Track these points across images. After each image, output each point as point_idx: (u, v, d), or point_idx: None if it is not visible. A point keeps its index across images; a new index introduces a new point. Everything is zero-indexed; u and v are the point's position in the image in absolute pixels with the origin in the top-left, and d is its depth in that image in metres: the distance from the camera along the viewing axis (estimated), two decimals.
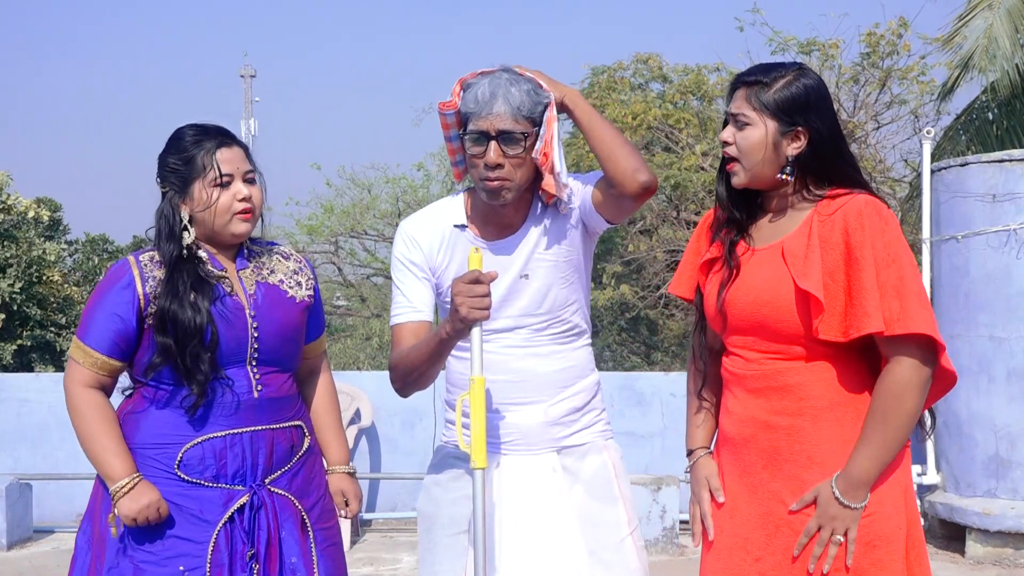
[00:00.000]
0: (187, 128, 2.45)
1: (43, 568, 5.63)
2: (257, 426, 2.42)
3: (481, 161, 2.27)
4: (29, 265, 14.61)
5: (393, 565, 5.73)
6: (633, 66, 13.69)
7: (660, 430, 6.44)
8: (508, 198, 2.30)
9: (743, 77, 2.19)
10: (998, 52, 9.06)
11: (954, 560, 5.61)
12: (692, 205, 12.45)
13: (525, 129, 2.26)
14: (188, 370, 2.33)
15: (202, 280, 2.37)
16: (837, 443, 2.09)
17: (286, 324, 2.48)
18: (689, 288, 2.33)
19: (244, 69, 25.11)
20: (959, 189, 5.74)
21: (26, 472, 6.65)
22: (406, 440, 6.85)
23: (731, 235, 2.23)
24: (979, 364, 5.66)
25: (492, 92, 2.25)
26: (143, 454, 2.37)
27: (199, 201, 2.38)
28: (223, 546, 2.35)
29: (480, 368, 2.15)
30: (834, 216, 2.09)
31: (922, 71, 11.85)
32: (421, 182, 17.23)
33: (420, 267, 2.40)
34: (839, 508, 2.04)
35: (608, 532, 2.37)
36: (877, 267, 2.03)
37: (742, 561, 2.16)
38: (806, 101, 2.12)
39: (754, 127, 2.14)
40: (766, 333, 2.13)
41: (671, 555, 5.66)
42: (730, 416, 2.23)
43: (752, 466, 2.17)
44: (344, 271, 18.21)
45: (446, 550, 2.38)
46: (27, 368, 15.10)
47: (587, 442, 2.43)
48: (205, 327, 2.34)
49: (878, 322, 2.01)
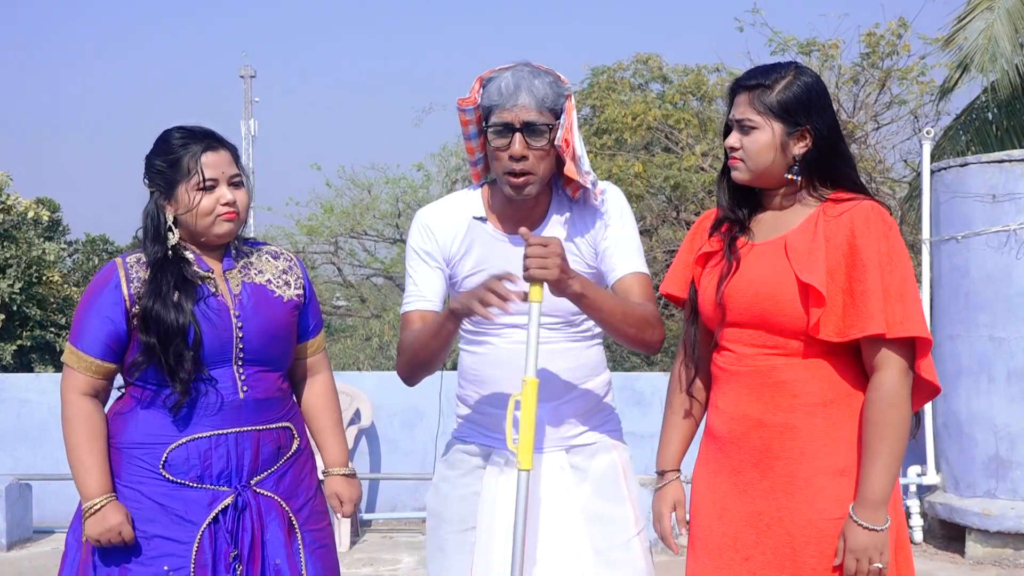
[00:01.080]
0: (174, 130, 2.45)
1: (43, 568, 5.62)
2: (242, 427, 2.42)
3: (505, 153, 2.25)
4: (29, 265, 14.61)
5: (393, 565, 5.73)
6: (633, 66, 13.69)
7: (660, 430, 6.42)
8: (532, 192, 2.29)
9: (743, 82, 2.19)
10: (998, 52, 9.07)
11: (954, 560, 5.61)
12: (692, 205, 12.44)
13: (549, 121, 2.25)
14: (171, 369, 2.34)
15: (186, 280, 2.39)
16: (830, 440, 2.09)
17: (273, 323, 2.48)
18: (682, 286, 2.33)
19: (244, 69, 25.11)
20: (959, 189, 5.74)
21: (26, 472, 6.66)
22: (406, 440, 6.85)
23: (732, 232, 2.23)
24: (979, 364, 5.66)
25: (516, 84, 2.24)
26: (129, 454, 2.39)
27: (183, 204, 2.40)
28: (207, 547, 2.36)
29: (534, 370, 2.13)
30: (841, 218, 2.10)
31: (922, 71, 11.84)
32: (421, 182, 17.23)
33: (433, 256, 2.40)
34: (868, 535, 2.03)
35: (615, 532, 2.36)
36: (882, 270, 2.05)
37: (731, 560, 2.16)
38: (808, 100, 2.14)
39: (760, 131, 2.14)
40: (765, 327, 2.14)
41: (671, 555, 5.66)
42: (720, 413, 2.23)
43: (742, 464, 2.17)
44: (344, 271, 18.20)
45: (453, 547, 2.38)
46: (27, 368, 15.10)
47: (596, 442, 2.42)
48: (188, 327, 2.35)
49: (881, 324, 2.02)
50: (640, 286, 2.35)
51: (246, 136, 30.37)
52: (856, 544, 2.03)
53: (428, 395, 6.68)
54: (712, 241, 2.26)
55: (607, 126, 12.55)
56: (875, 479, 2.03)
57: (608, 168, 11.90)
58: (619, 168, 11.87)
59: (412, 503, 6.80)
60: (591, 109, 13.59)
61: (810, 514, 2.09)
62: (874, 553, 2.03)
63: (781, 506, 2.12)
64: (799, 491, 2.10)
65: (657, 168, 12.14)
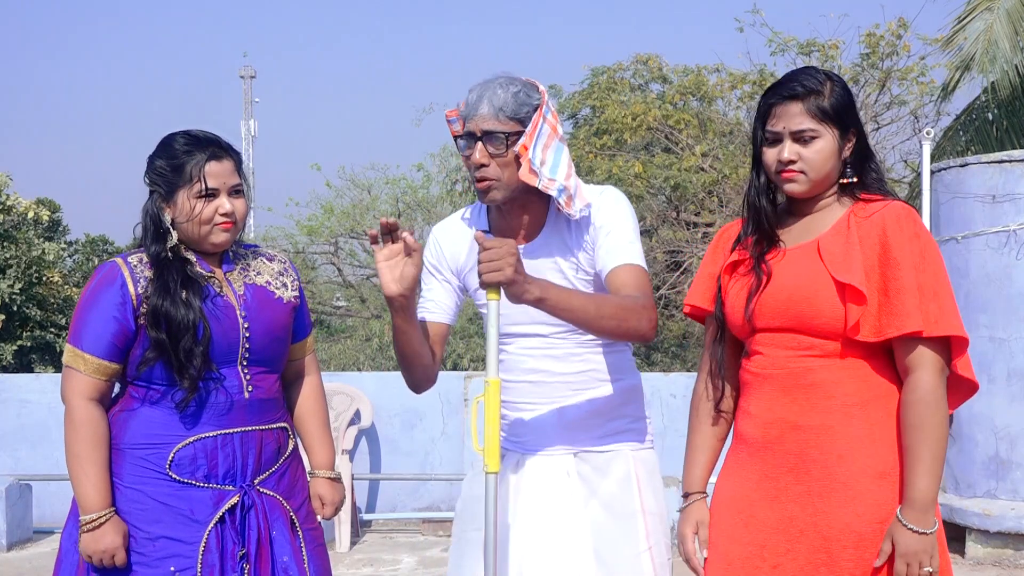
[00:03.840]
0: (179, 135, 2.44)
1: (43, 568, 5.62)
2: (247, 427, 2.43)
3: (469, 162, 2.31)
4: (29, 266, 14.62)
5: (393, 566, 5.73)
6: (633, 67, 13.71)
7: (660, 431, 6.42)
8: (497, 197, 2.31)
9: (789, 91, 2.12)
10: (998, 53, 9.07)
11: (954, 561, 5.62)
12: (692, 206, 12.45)
13: (509, 129, 2.27)
14: (181, 365, 2.33)
15: (191, 279, 2.38)
16: (867, 441, 2.06)
17: (275, 324, 2.49)
18: (707, 299, 2.28)
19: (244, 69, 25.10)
20: (959, 190, 5.74)
21: (26, 472, 6.65)
22: (406, 440, 6.84)
23: (761, 246, 2.19)
24: (979, 365, 5.65)
25: (479, 95, 2.29)
26: (133, 455, 2.37)
27: (182, 210, 2.39)
28: (214, 546, 2.35)
29: (495, 371, 2.12)
30: (872, 218, 2.09)
31: (922, 72, 11.86)
32: (421, 182, 17.22)
33: (440, 270, 2.46)
34: (917, 539, 2.00)
35: (623, 546, 2.34)
36: (916, 269, 2.03)
37: (758, 570, 2.12)
38: (851, 102, 2.15)
39: (822, 139, 2.11)
40: (800, 330, 2.10)
41: (673, 556, 5.66)
42: (752, 419, 2.18)
43: (775, 470, 2.12)
44: (344, 272, 18.20)
45: (469, 544, 2.40)
46: (27, 368, 15.11)
47: (611, 450, 2.39)
48: (198, 323, 2.34)
49: (918, 322, 2.00)
50: (630, 276, 2.29)
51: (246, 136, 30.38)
52: (907, 548, 2.00)
53: (428, 396, 6.66)
54: (737, 252, 2.23)
55: (607, 126, 12.56)
56: (920, 481, 2.00)
57: (608, 168, 11.91)
58: (619, 168, 11.87)
59: (412, 503, 6.80)
60: (591, 109, 13.60)
61: (848, 518, 2.05)
62: (924, 557, 2.00)
63: (817, 511, 2.07)
64: (836, 494, 2.06)
65: (657, 168, 12.14)
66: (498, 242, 2.06)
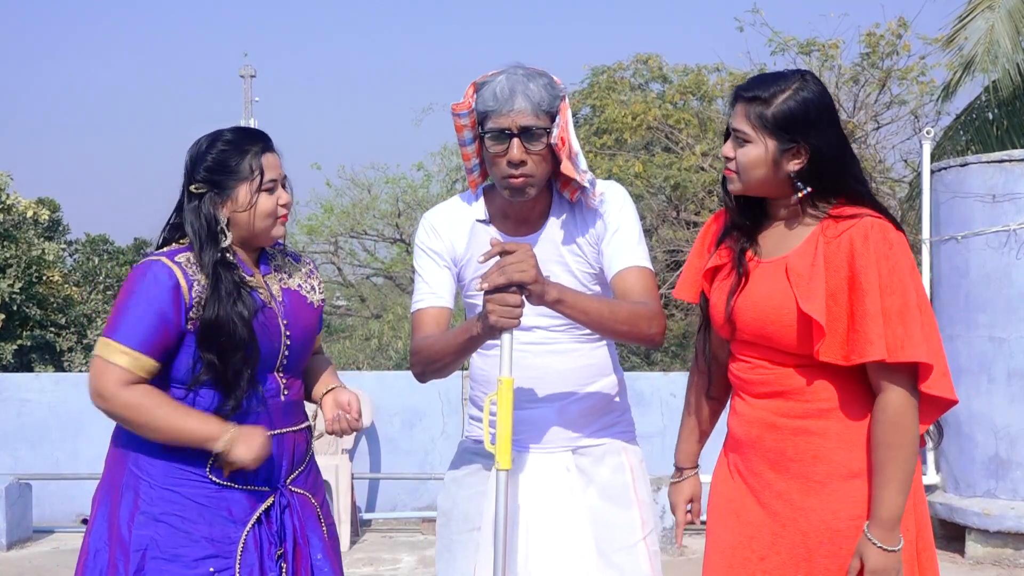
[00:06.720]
0: (228, 131, 2.41)
1: (43, 568, 5.63)
2: (283, 428, 2.43)
3: (503, 159, 2.24)
4: (29, 265, 14.62)
5: (393, 565, 5.73)
6: (633, 66, 13.70)
7: (660, 430, 6.43)
8: (531, 194, 2.29)
9: (742, 92, 2.13)
10: (999, 52, 9.07)
11: (954, 560, 5.61)
12: (692, 205, 12.45)
13: (546, 124, 2.24)
14: (229, 386, 2.31)
15: (241, 290, 2.33)
16: (843, 441, 2.09)
17: (310, 330, 2.50)
18: (693, 292, 2.32)
19: (244, 69, 25.06)
20: (959, 189, 5.74)
21: (26, 472, 6.65)
22: (406, 440, 6.85)
23: (740, 242, 2.20)
24: (979, 364, 5.66)
25: (511, 88, 2.22)
26: (170, 455, 2.31)
27: (242, 204, 2.35)
28: (252, 547, 2.34)
29: (509, 369, 2.12)
30: (840, 238, 2.06)
31: (922, 71, 11.86)
32: (421, 182, 17.24)
33: (440, 255, 2.40)
34: (884, 557, 2.03)
35: (621, 535, 2.35)
36: (882, 293, 2.01)
37: (747, 560, 2.17)
38: (805, 117, 2.06)
39: (753, 145, 2.10)
40: (772, 347, 2.14)
41: (671, 555, 5.66)
42: (737, 417, 2.25)
43: (757, 467, 2.18)
44: (344, 271, 18.22)
45: (460, 547, 2.39)
46: (27, 368, 15.11)
47: (605, 444, 2.41)
48: (248, 344, 2.31)
49: (881, 350, 2.00)
50: (638, 279, 2.32)
51: None
52: (875, 565, 2.03)
53: (428, 395, 6.69)
54: (720, 253, 2.24)
55: (607, 126, 12.56)
56: (887, 498, 2.03)
57: (608, 168, 11.91)
58: (619, 168, 11.88)
59: (412, 503, 6.81)
60: (591, 109, 13.59)
61: (824, 515, 2.09)
62: (892, 573, 2.04)
63: (796, 508, 2.12)
64: (813, 493, 2.10)
65: (657, 168, 12.14)
66: (517, 245, 2.07)
